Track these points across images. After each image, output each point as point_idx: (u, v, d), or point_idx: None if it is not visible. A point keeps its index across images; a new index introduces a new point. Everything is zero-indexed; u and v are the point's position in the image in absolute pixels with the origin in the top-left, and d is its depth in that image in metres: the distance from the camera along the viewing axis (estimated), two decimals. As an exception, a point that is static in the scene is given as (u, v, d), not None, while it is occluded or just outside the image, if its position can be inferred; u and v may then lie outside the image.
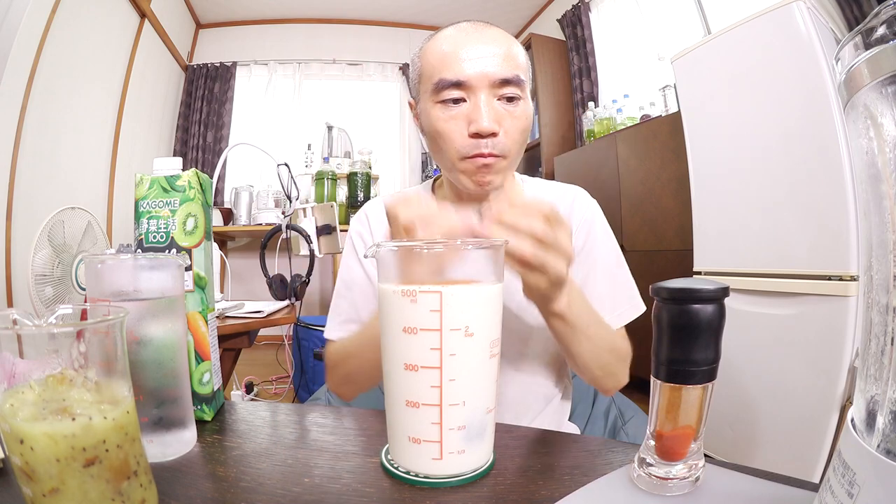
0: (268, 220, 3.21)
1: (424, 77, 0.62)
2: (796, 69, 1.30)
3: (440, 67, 0.59)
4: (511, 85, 0.59)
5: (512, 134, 0.59)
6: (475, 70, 0.58)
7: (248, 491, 0.35)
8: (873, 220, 0.24)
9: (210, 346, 0.49)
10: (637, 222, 2.24)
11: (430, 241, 0.36)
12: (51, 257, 1.41)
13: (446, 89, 0.59)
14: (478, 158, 0.59)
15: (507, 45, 0.60)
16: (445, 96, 0.59)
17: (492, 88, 0.58)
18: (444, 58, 0.59)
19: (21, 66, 1.95)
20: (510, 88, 0.59)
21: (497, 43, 0.60)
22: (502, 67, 0.58)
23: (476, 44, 0.59)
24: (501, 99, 0.59)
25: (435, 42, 0.62)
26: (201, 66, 3.68)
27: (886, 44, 0.20)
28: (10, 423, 0.26)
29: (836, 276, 1.22)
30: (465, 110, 0.59)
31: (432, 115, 0.61)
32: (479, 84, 0.58)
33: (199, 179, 0.48)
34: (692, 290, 0.28)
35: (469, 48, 0.59)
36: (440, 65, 0.59)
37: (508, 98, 0.59)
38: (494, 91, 0.58)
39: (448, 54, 0.59)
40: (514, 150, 0.61)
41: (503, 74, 0.58)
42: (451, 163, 0.61)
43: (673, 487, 0.31)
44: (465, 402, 0.35)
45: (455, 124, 0.59)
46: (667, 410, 0.31)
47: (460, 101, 0.59)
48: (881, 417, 0.22)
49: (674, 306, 0.29)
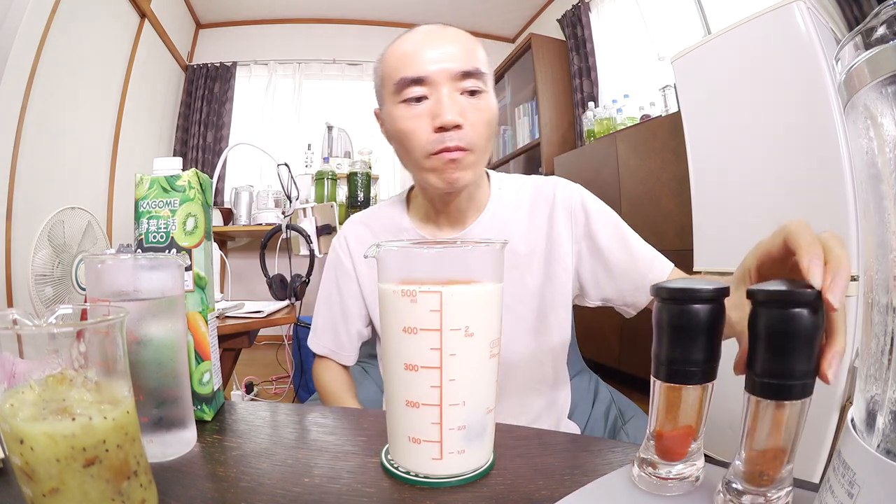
0: (268, 220, 3.21)
1: (386, 80, 0.62)
2: (796, 69, 1.30)
3: (401, 67, 0.60)
4: (472, 77, 0.59)
5: (477, 126, 0.59)
6: (435, 65, 0.58)
7: (248, 491, 0.35)
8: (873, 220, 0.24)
9: (210, 346, 0.49)
10: (637, 222, 2.22)
11: (429, 242, 0.36)
12: (51, 257, 1.41)
13: (408, 87, 0.59)
14: (444, 154, 0.59)
15: (465, 41, 0.61)
16: (408, 94, 0.59)
17: (453, 82, 0.59)
18: (404, 57, 0.60)
19: (21, 66, 1.95)
20: (472, 81, 0.59)
21: (455, 39, 0.60)
22: (462, 61, 0.59)
23: (435, 41, 0.60)
24: (464, 93, 0.59)
25: (395, 45, 0.62)
26: (201, 66, 3.68)
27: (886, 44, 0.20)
28: (10, 423, 0.26)
29: (836, 276, 1.22)
30: (428, 107, 0.59)
31: (396, 116, 0.61)
32: (440, 79, 0.58)
33: (199, 179, 0.48)
34: (692, 290, 0.28)
35: (428, 46, 0.59)
36: (401, 65, 0.60)
37: (471, 91, 0.59)
38: (456, 85, 0.59)
39: (408, 53, 0.60)
40: (480, 144, 0.61)
41: (463, 67, 0.58)
42: (418, 163, 0.62)
43: (673, 487, 0.31)
44: (465, 402, 0.35)
45: (419, 122, 0.59)
46: (667, 410, 0.31)
47: (423, 99, 0.59)
48: (881, 417, 0.22)
49: (674, 306, 0.29)
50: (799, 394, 0.26)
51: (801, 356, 0.25)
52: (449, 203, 0.67)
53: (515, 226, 0.69)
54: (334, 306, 0.74)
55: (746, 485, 0.28)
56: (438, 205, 0.68)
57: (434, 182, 0.62)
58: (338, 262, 0.75)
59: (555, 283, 0.68)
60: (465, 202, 0.68)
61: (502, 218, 0.70)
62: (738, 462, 0.28)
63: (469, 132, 0.59)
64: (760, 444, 0.27)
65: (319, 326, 0.75)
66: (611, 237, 0.67)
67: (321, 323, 0.75)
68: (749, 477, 0.28)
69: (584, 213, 0.68)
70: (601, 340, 2.39)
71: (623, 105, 2.64)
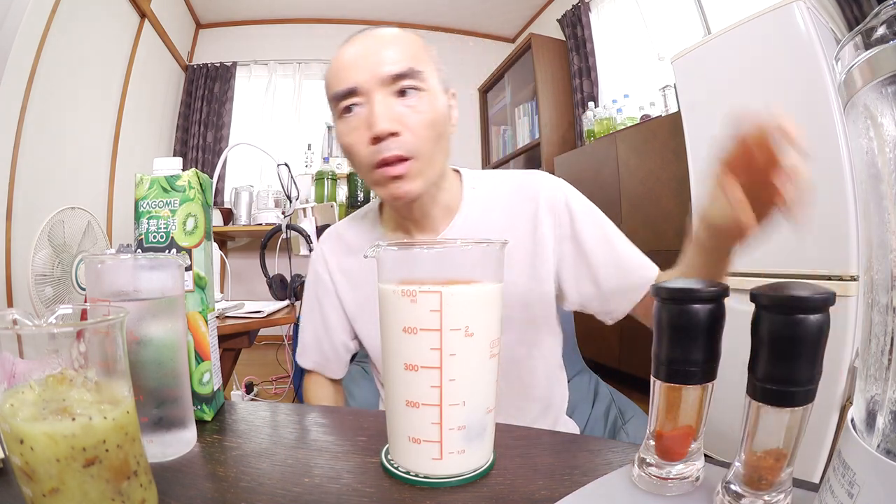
0: (268, 220, 3.21)
1: (328, 97, 0.60)
2: (796, 69, 1.30)
3: (334, 82, 0.58)
4: (406, 78, 0.56)
5: (417, 131, 0.56)
6: (364, 72, 0.56)
7: (248, 491, 0.35)
8: (873, 220, 0.24)
9: (210, 346, 0.49)
10: (637, 222, 2.24)
11: (430, 241, 0.36)
12: (51, 257, 1.41)
13: (342, 100, 0.57)
14: (385, 169, 0.56)
15: (398, 40, 0.58)
16: (342, 107, 0.58)
17: (385, 87, 0.56)
18: (335, 71, 0.58)
19: (21, 66, 1.95)
20: (406, 82, 0.56)
21: (384, 41, 0.57)
22: (393, 63, 0.55)
23: (363, 48, 0.57)
24: (400, 96, 0.56)
25: (333, 59, 0.60)
26: (201, 66, 3.68)
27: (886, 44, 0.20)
28: (10, 423, 0.26)
29: (836, 276, 1.22)
30: (364, 117, 0.56)
31: (338, 131, 0.60)
32: (370, 86, 0.56)
33: (199, 179, 0.48)
34: (692, 290, 0.28)
35: (356, 54, 0.57)
36: (334, 79, 0.58)
37: (404, 93, 0.56)
38: (390, 89, 0.56)
39: (338, 66, 0.58)
40: (424, 149, 0.57)
41: (394, 70, 0.55)
42: (365, 176, 0.60)
43: (673, 487, 0.31)
44: (465, 402, 0.35)
45: (357, 135, 0.57)
46: (666, 410, 0.31)
47: (357, 109, 0.57)
48: (881, 417, 0.22)
49: (673, 306, 0.29)
50: (801, 400, 0.25)
51: (805, 363, 0.25)
52: (413, 210, 0.64)
53: (493, 225, 0.65)
54: (316, 321, 0.73)
55: (745, 487, 0.28)
56: (404, 212, 0.65)
57: (383, 195, 0.59)
58: (316, 277, 0.74)
59: (543, 284, 0.65)
60: (431, 207, 0.65)
61: (477, 219, 0.66)
62: (738, 464, 0.28)
63: (409, 138, 0.56)
64: (760, 447, 0.27)
65: (305, 341, 0.75)
66: (597, 239, 0.63)
67: (306, 338, 0.74)
68: (748, 480, 0.28)
69: (569, 214, 0.64)
70: (601, 340, 2.39)
71: (623, 105, 2.64)
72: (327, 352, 0.73)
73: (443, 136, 0.60)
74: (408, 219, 0.66)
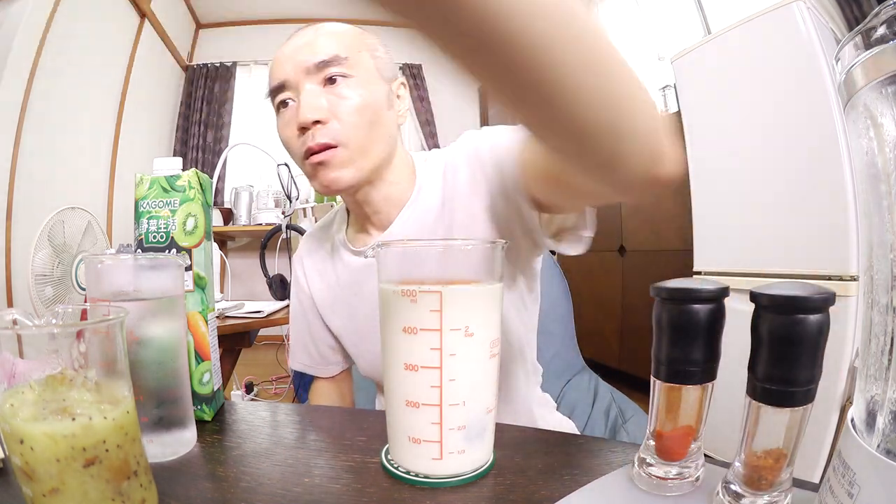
0: (268, 220, 3.21)
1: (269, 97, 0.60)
2: (796, 69, 1.30)
3: (269, 80, 0.58)
4: (331, 65, 0.55)
5: (345, 117, 0.55)
6: (290, 66, 0.56)
7: (248, 491, 0.35)
8: (873, 220, 0.24)
9: (210, 346, 0.49)
10: (637, 222, 2.24)
11: (429, 241, 0.36)
12: (51, 257, 1.41)
13: (276, 96, 0.58)
14: (312, 157, 0.56)
15: (320, 30, 0.58)
16: (277, 103, 0.58)
17: (311, 76, 0.55)
18: (270, 71, 0.58)
19: (21, 66, 1.95)
20: (332, 69, 0.55)
21: (313, 33, 0.57)
22: (315, 52, 0.55)
23: (291, 43, 0.57)
24: (327, 84, 0.56)
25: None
26: (201, 66, 3.68)
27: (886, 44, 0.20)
28: (10, 423, 0.26)
29: (836, 276, 1.22)
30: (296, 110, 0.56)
31: (277, 128, 0.59)
32: (296, 78, 0.55)
33: (199, 179, 0.48)
34: (692, 290, 0.28)
35: (285, 50, 0.57)
36: (269, 78, 0.59)
37: (334, 80, 0.55)
38: (316, 78, 0.55)
39: (272, 65, 0.58)
40: (353, 135, 0.55)
41: (317, 58, 0.55)
42: (302, 170, 0.59)
43: (673, 487, 0.31)
44: (465, 402, 0.35)
45: (290, 128, 0.57)
46: (666, 410, 0.31)
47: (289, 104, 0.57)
48: (881, 417, 0.22)
49: (673, 306, 0.29)
50: (801, 400, 0.25)
51: (805, 363, 0.25)
52: (361, 206, 0.62)
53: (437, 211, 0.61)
54: (300, 323, 0.74)
55: (745, 487, 0.27)
56: (351, 206, 0.64)
57: (315, 187, 0.59)
58: (296, 279, 0.74)
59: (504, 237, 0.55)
60: (378, 202, 0.62)
61: (425, 208, 0.61)
62: (738, 464, 0.28)
63: (335, 126, 0.55)
64: (760, 447, 0.27)
65: (292, 344, 0.75)
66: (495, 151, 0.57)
67: (293, 339, 0.75)
68: (748, 480, 0.27)
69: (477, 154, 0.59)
70: (601, 340, 2.39)
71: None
72: (313, 353, 0.73)
73: (377, 124, 0.57)
74: (359, 215, 0.65)
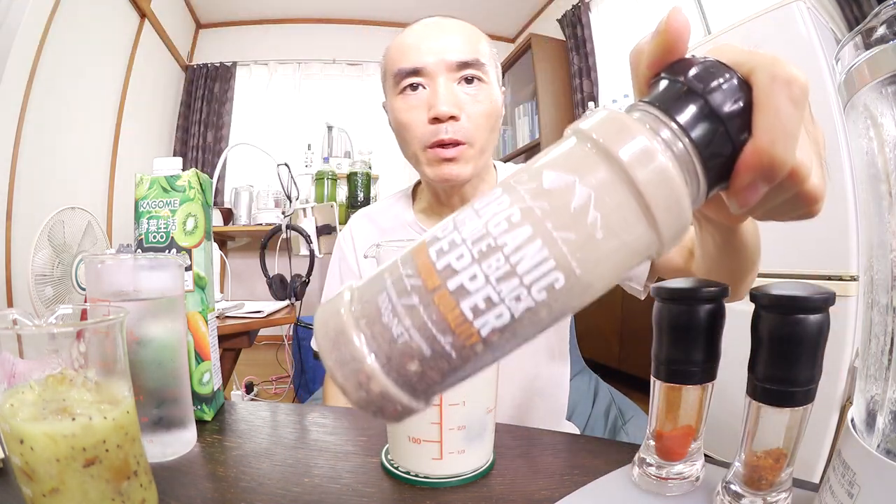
0: (268, 220, 3.21)
1: (388, 72, 0.62)
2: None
3: (399, 59, 0.60)
4: (470, 67, 0.58)
5: (475, 119, 0.58)
6: (432, 56, 0.57)
7: (248, 491, 0.35)
8: (873, 220, 0.24)
9: (210, 346, 0.49)
10: (637, 222, 2.23)
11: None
12: (51, 257, 1.41)
13: (405, 78, 0.59)
14: (439, 150, 0.58)
15: (466, 31, 0.60)
16: (404, 85, 0.59)
17: (450, 73, 0.58)
18: (403, 49, 0.60)
19: (21, 66, 1.95)
20: (470, 71, 0.58)
21: (454, 30, 0.60)
22: (460, 51, 0.58)
23: (433, 32, 0.59)
24: (462, 84, 0.58)
25: (397, 38, 0.62)
26: (201, 66, 3.68)
27: (886, 44, 0.20)
28: (10, 423, 0.26)
29: (836, 276, 1.22)
30: (425, 97, 0.58)
31: (395, 108, 0.61)
32: (436, 69, 0.58)
33: (199, 179, 0.48)
34: (692, 291, 0.28)
35: (427, 37, 0.59)
36: (399, 56, 0.60)
37: (469, 82, 0.58)
38: (454, 76, 0.58)
39: (407, 45, 0.60)
40: (479, 137, 0.59)
41: (461, 57, 0.58)
42: (415, 155, 0.61)
43: (673, 487, 0.31)
44: (464, 401, 0.35)
45: (416, 113, 0.59)
46: (667, 410, 0.31)
47: (419, 90, 0.59)
48: (881, 417, 0.22)
49: (674, 306, 0.29)
50: (801, 400, 0.25)
51: (805, 363, 0.25)
52: (452, 196, 0.66)
53: None
54: None
55: (745, 487, 0.28)
56: (443, 198, 0.67)
57: (430, 175, 0.61)
58: (342, 258, 0.74)
59: None
60: (469, 195, 0.66)
61: None
62: (738, 464, 0.28)
63: (466, 125, 0.58)
64: (760, 447, 0.27)
65: None
66: None
67: None
68: (748, 480, 0.27)
69: None
70: (601, 340, 2.39)
71: (623, 105, 2.63)
72: None
73: (495, 129, 0.62)
74: (445, 205, 0.67)
